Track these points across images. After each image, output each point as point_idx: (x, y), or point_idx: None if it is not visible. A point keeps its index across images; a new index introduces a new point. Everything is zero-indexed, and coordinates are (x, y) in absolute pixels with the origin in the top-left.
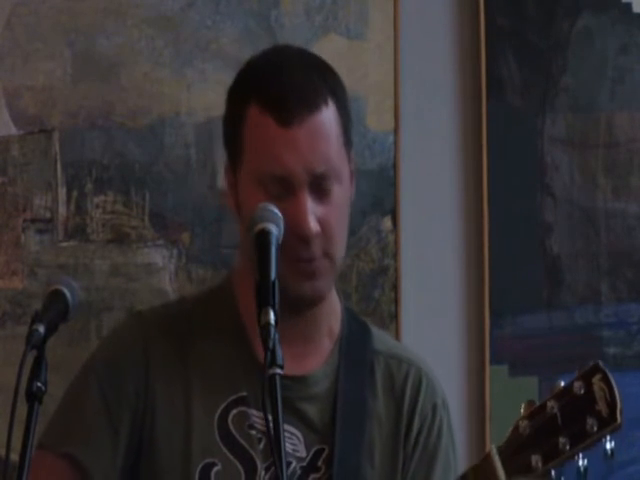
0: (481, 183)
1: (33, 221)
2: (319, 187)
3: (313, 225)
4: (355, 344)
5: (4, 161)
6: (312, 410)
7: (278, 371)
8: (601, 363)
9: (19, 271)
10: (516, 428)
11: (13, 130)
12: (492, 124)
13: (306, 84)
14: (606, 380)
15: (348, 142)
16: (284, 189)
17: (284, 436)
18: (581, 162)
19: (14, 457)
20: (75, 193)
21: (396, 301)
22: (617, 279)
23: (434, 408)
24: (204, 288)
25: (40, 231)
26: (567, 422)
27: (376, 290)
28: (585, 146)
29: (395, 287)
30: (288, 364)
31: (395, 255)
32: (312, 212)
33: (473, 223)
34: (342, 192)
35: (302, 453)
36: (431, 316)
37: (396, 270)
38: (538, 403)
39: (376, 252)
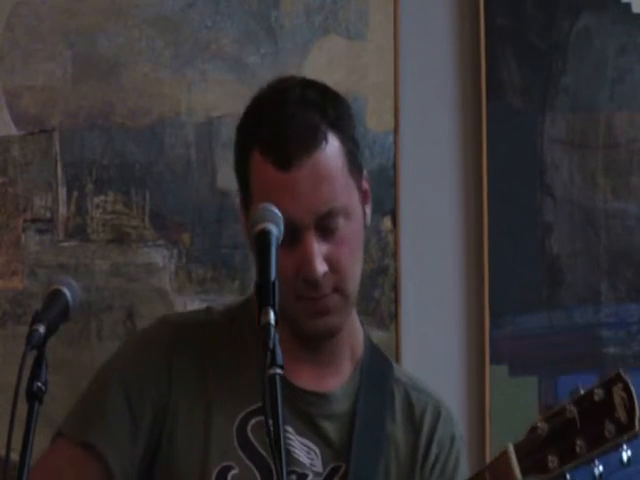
0: (481, 183)
1: (33, 221)
2: (325, 226)
3: (319, 267)
4: (376, 370)
5: (4, 161)
6: (331, 428)
7: (278, 371)
8: (623, 372)
9: (19, 271)
10: (534, 428)
11: (13, 130)
12: (492, 124)
13: (305, 125)
14: (627, 389)
15: (356, 168)
16: (290, 233)
17: (284, 438)
18: (581, 162)
19: (14, 457)
20: (75, 193)
21: (396, 301)
22: (617, 279)
23: (452, 439)
24: (232, 302)
25: (40, 231)
26: (585, 426)
27: (376, 290)
28: (585, 146)
29: (395, 287)
30: (310, 381)
31: (395, 255)
32: (318, 253)
33: (473, 223)
34: (351, 225)
35: (319, 468)
36: (431, 316)
37: (396, 270)
38: (557, 407)
39: (376, 252)
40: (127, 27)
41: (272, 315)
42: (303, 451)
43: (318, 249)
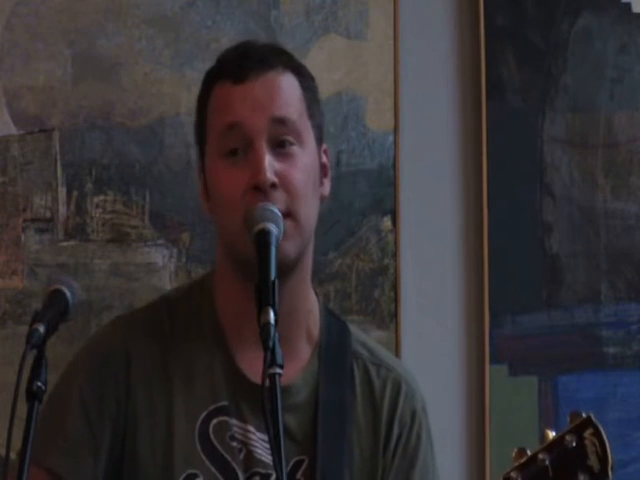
0: (481, 183)
1: (33, 221)
2: (278, 136)
3: (269, 174)
4: (335, 349)
5: (4, 161)
6: (292, 421)
7: (278, 371)
8: (593, 417)
9: (19, 271)
10: (508, 479)
11: (13, 130)
12: (492, 124)
13: (264, 50)
14: (598, 435)
15: (315, 122)
16: (242, 143)
17: (284, 442)
18: (581, 162)
19: (14, 457)
20: (75, 193)
21: (396, 301)
22: (616, 279)
23: (413, 415)
24: (187, 285)
25: (40, 231)
26: (558, 475)
27: (376, 290)
28: (585, 146)
29: (395, 287)
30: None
31: (395, 255)
32: (270, 164)
33: (473, 223)
34: (305, 157)
35: None
36: (431, 316)
37: (396, 270)
38: (529, 454)
39: (376, 252)
40: (127, 27)
41: (272, 314)
42: (265, 449)
43: (269, 159)
